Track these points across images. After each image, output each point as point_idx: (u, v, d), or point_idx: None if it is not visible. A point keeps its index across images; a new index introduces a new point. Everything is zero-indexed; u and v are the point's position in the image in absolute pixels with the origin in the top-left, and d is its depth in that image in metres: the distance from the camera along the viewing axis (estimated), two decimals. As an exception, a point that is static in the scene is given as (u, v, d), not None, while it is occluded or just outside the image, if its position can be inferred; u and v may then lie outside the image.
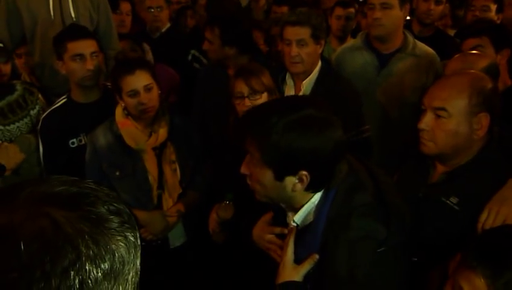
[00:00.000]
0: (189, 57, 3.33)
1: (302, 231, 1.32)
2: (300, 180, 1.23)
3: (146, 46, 3.14)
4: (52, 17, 2.84)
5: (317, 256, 1.25)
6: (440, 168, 1.60)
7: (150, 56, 3.10)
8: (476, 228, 1.42)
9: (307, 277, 1.28)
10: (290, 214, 1.38)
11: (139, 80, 2.07)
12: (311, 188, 1.26)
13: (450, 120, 1.50)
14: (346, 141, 1.29)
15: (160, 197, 2.21)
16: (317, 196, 1.28)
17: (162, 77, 2.86)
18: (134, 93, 2.07)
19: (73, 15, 2.86)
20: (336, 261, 1.21)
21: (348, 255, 1.20)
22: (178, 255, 2.30)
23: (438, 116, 1.51)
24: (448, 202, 1.52)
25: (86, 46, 2.31)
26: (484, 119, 1.50)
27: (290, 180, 1.24)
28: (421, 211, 1.57)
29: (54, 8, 2.85)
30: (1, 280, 0.54)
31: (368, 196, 1.25)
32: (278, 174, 1.23)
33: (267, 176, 1.24)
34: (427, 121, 1.53)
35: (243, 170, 1.32)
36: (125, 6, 3.43)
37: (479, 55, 2.07)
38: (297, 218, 1.32)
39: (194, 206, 2.29)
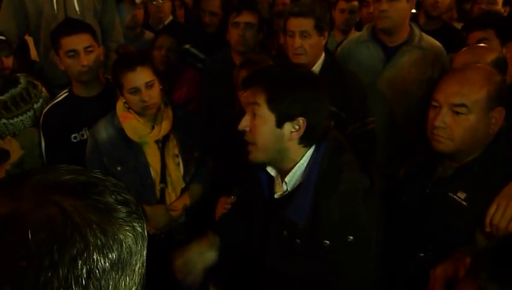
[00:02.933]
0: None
1: (291, 193, 1.46)
2: (298, 127, 1.39)
3: None
4: (56, 11, 2.82)
5: None
6: (448, 164, 1.58)
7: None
8: (484, 223, 1.41)
9: (296, 232, 1.41)
10: (278, 181, 1.51)
11: (140, 77, 2.03)
12: (305, 140, 1.41)
13: (470, 116, 1.46)
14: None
15: (163, 192, 2.19)
16: (306, 158, 1.43)
17: (187, 82, 2.89)
18: (136, 91, 2.04)
19: (77, 9, 2.84)
20: (329, 212, 1.36)
21: (340, 205, 1.36)
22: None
23: (457, 113, 1.47)
24: (455, 197, 1.50)
25: (79, 41, 2.24)
26: (499, 114, 1.48)
27: (288, 128, 1.39)
28: (428, 206, 1.56)
29: (58, 3, 2.82)
30: (9, 269, 0.53)
31: (351, 156, 1.45)
32: (279, 119, 1.38)
33: (269, 123, 1.39)
34: (443, 118, 1.48)
35: (242, 125, 1.43)
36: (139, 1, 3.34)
37: (487, 48, 2.04)
38: (288, 179, 1.45)
39: (197, 199, 2.27)
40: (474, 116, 1.46)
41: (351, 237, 1.35)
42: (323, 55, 2.36)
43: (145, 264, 0.66)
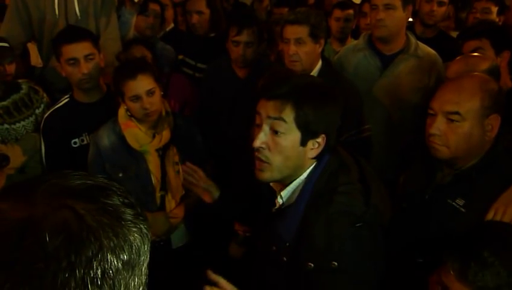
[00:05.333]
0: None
1: (285, 208, 1.40)
2: (318, 144, 1.34)
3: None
4: (57, 16, 2.83)
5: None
6: (446, 170, 1.60)
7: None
8: None
9: (283, 249, 1.36)
10: (279, 194, 1.43)
11: (141, 85, 2.05)
12: (317, 155, 1.36)
13: (464, 124, 1.49)
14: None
15: (163, 199, 2.21)
16: (306, 174, 1.37)
17: (178, 89, 2.85)
18: (137, 98, 2.06)
19: (78, 13, 2.85)
20: (315, 233, 1.29)
21: (327, 227, 1.28)
22: (180, 256, 2.31)
23: (451, 121, 1.50)
24: (454, 203, 1.52)
25: (79, 50, 2.25)
26: (495, 121, 1.51)
27: (310, 145, 1.34)
28: (427, 212, 1.58)
29: (59, 7, 2.83)
30: (28, 271, 0.55)
31: (351, 178, 1.36)
32: (304, 137, 1.32)
33: (293, 141, 1.32)
34: (438, 125, 1.52)
35: (259, 142, 1.33)
36: (154, 9, 3.26)
37: (481, 57, 2.07)
38: (285, 193, 1.39)
39: (196, 206, 2.29)
40: (468, 123, 1.49)
41: (335, 263, 1.26)
42: (320, 62, 2.38)
43: (148, 264, 0.68)
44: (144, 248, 0.65)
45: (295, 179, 1.38)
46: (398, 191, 1.83)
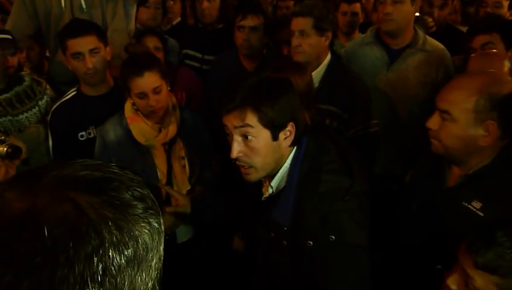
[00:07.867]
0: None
1: (276, 195, 1.48)
2: (289, 132, 1.41)
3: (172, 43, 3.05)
4: (63, 8, 2.81)
5: None
6: (456, 170, 1.54)
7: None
8: None
9: (282, 234, 1.43)
10: (266, 184, 1.53)
11: (148, 82, 2.02)
12: (293, 141, 1.44)
13: (454, 124, 1.44)
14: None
15: (168, 193, 2.20)
16: (289, 159, 1.45)
17: (184, 82, 2.83)
18: (143, 96, 2.04)
19: (83, 5, 2.83)
20: (310, 213, 1.39)
21: (320, 205, 1.38)
22: (185, 251, 2.30)
23: (443, 119, 1.47)
24: (470, 207, 1.44)
25: (84, 44, 2.23)
26: (491, 127, 1.41)
27: (282, 136, 1.41)
28: (440, 215, 1.52)
29: (66, 1, 2.83)
30: (25, 265, 0.53)
31: (332, 156, 1.45)
32: (274, 132, 1.39)
33: (266, 140, 1.39)
34: (434, 120, 1.50)
35: (236, 152, 1.40)
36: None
37: (501, 57, 2.02)
38: (274, 182, 1.47)
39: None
40: (458, 125, 1.43)
41: (333, 237, 1.35)
42: (328, 56, 2.37)
43: (162, 258, 0.65)
44: (153, 243, 0.62)
45: (280, 168, 1.46)
46: (404, 189, 1.78)
